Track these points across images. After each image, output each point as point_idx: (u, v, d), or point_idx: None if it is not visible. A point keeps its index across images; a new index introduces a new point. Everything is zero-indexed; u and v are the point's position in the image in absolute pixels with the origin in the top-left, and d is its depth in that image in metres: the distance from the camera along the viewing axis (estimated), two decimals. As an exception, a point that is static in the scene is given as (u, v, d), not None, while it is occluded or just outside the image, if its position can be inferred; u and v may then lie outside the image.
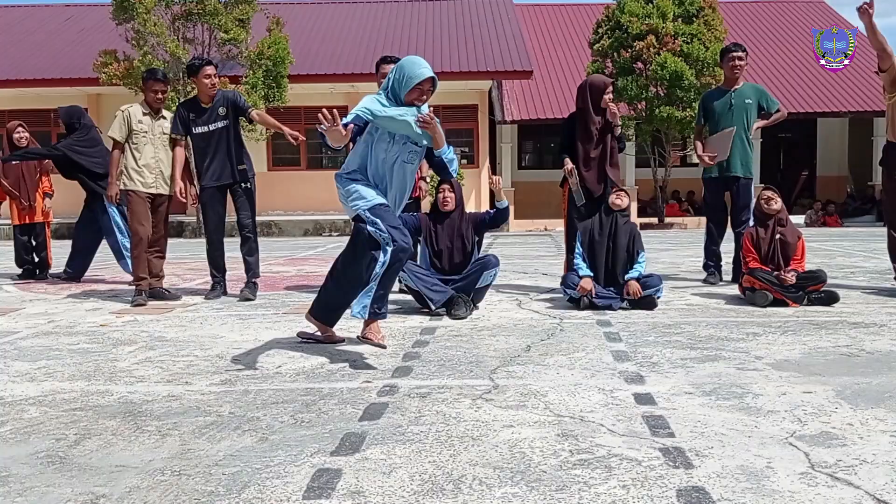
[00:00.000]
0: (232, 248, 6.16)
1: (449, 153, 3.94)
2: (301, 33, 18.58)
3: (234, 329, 4.70)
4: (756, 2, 24.79)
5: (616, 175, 5.74)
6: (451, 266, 5.30)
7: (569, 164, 5.67)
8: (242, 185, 5.92)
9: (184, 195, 5.96)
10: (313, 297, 4.35)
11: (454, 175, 4.53)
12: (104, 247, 7.40)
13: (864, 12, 5.32)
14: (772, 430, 2.64)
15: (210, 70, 5.86)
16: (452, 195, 5.38)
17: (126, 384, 3.42)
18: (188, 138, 5.99)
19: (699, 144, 6.56)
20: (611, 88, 5.71)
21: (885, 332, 4.29)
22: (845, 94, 19.05)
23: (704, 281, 6.41)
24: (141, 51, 14.53)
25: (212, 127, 5.86)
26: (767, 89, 6.70)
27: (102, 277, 7.64)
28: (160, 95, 6.03)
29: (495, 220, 5.44)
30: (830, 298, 5.22)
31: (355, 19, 20.72)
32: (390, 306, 5.40)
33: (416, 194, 5.82)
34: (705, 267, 6.51)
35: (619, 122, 5.75)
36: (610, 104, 5.62)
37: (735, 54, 6.31)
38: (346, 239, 5.86)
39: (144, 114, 5.97)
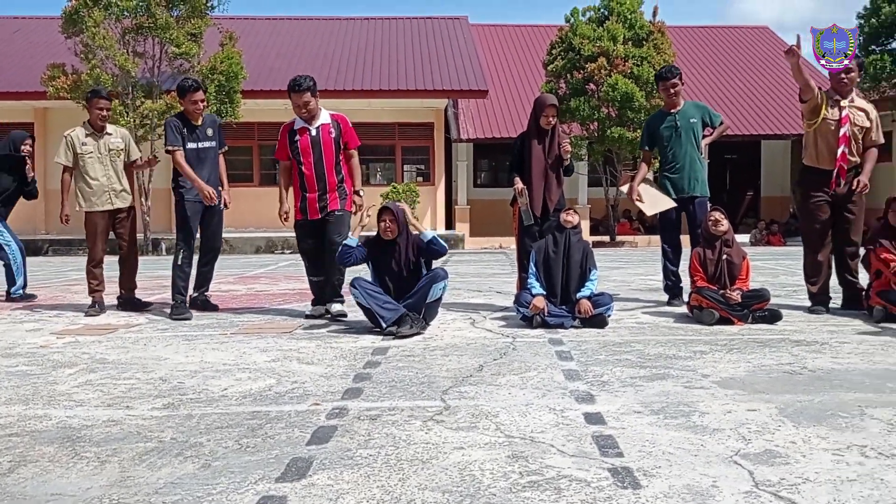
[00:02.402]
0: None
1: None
2: (255, 49, 18.47)
3: (179, 351, 4.60)
4: (703, 27, 25.44)
5: (559, 194, 5.81)
6: (399, 288, 5.21)
7: (519, 185, 5.71)
8: (220, 205, 6.08)
9: (213, 199, 5.90)
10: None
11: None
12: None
13: (793, 53, 5.48)
14: (717, 449, 2.67)
15: (199, 96, 5.98)
16: (394, 224, 5.17)
17: (65, 408, 3.31)
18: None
19: (641, 172, 6.56)
20: (550, 111, 5.74)
21: (826, 349, 4.39)
22: (787, 118, 19.62)
23: (668, 303, 6.34)
24: (89, 64, 14.27)
25: (201, 145, 5.98)
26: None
27: (52, 297, 7.43)
28: (105, 113, 6.23)
29: (430, 253, 5.26)
30: (774, 317, 5.33)
31: (311, 36, 20.67)
32: (341, 327, 5.40)
33: (349, 208, 5.72)
34: (666, 289, 6.46)
35: (568, 158, 5.82)
36: (565, 143, 5.74)
37: (670, 81, 6.34)
38: (299, 256, 5.83)
39: (87, 135, 6.18)
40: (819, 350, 4.38)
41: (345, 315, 5.56)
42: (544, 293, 5.30)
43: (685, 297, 6.36)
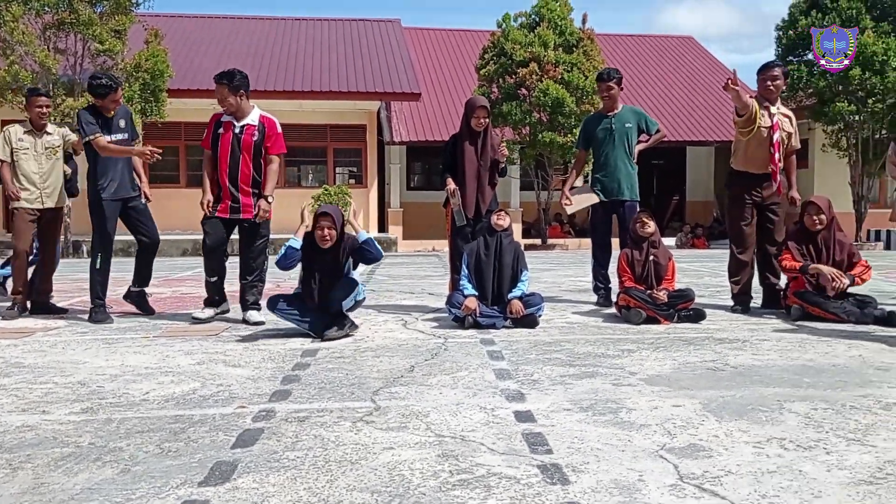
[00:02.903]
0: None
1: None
2: (183, 47, 18.05)
3: (99, 354, 4.43)
4: (630, 35, 26.04)
5: (492, 196, 5.84)
6: (324, 290, 4.98)
7: (451, 185, 5.72)
8: (141, 199, 5.93)
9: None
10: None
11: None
12: None
13: (731, 89, 5.62)
14: (644, 444, 2.71)
15: (118, 95, 5.78)
16: (333, 232, 4.87)
17: (-26, 415, 3.14)
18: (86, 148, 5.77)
19: (572, 178, 6.71)
20: (481, 113, 5.76)
21: (747, 347, 4.53)
22: (711, 125, 20.24)
23: (597, 303, 6.43)
24: (7, 60, 13.68)
25: (115, 136, 5.77)
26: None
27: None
28: (45, 111, 6.08)
29: (363, 256, 5.04)
30: (698, 316, 5.48)
31: (242, 35, 20.30)
32: (269, 329, 5.30)
33: (249, 215, 5.50)
34: (595, 289, 6.53)
35: (504, 161, 5.86)
36: (503, 148, 5.79)
37: (605, 83, 6.44)
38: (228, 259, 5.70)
39: (25, 132, 6.04)
40: (740, 347, 4.51)
41: (262, 323, 5.43)
42: (476, 294, 5.32)
43: (614, 298, 6.48)
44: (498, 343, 4.68)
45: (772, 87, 5.98)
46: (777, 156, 5.90)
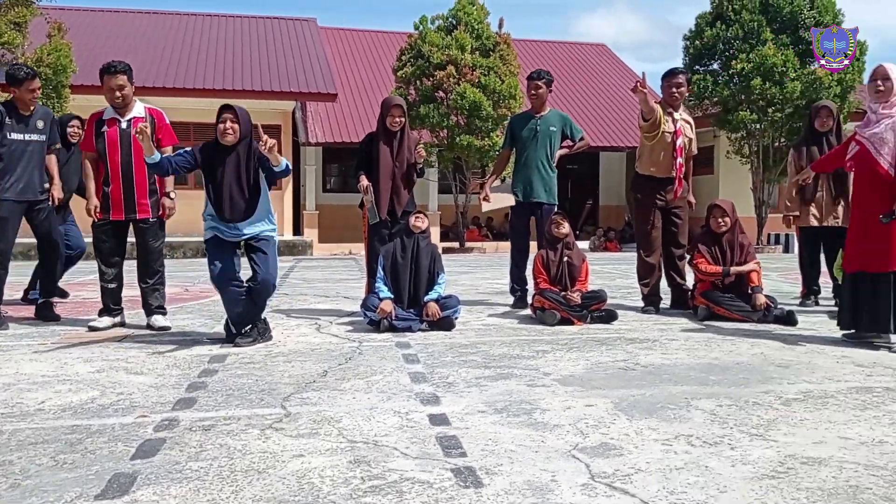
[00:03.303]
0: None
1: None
2: (88, 42, 17.32)
3: (-8, 362, 4.17)
4: (546, 41, 26.48)
5: (408, 197, 5.80)
6: (233, 209, 4.53)
7: (364, 182, 5.64)
8: (48, 202, 5.63)
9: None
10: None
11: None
12: None
13: (639, 91, 5.75)
14: (557, 444, 2.72)
15: (36, 84, 5.46)
16: (236, 126, 4.45)
17: None
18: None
19: (494, 176, 6.78)
20: (397, 112, 5.69)
21: (657, 346, 4.63)
22: (624, 131, 20.77)
23: (514, 305, 6.46)
24: None
25: (28, 136, 5.46)
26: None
27: None
28: None
29: (270, 170, 4.58)
30: (610, 317, 5.58)
31: (152, 30, 19.63)
32: (175, 334, 5.11)
33: (163, 215, 5.34)
34: (512, 291, 6.55)
35: (421, 162, 5.79)
36: (419, 149, 5.72)
37: (533, 82, 6.46)
38: (134, 263, 5.46)
39: None
40: (650, 347, 4.61)
41: (168, 328, 5.24)
42: (392, 297, 5.26)
43: (530, 300, 6.54)
44: (414, 346, 4.64)
45: (676, 94, 6.15)
46: (679, 160, 6.08)
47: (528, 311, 5.99)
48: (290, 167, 4.68)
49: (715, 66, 17.08)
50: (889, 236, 4.48)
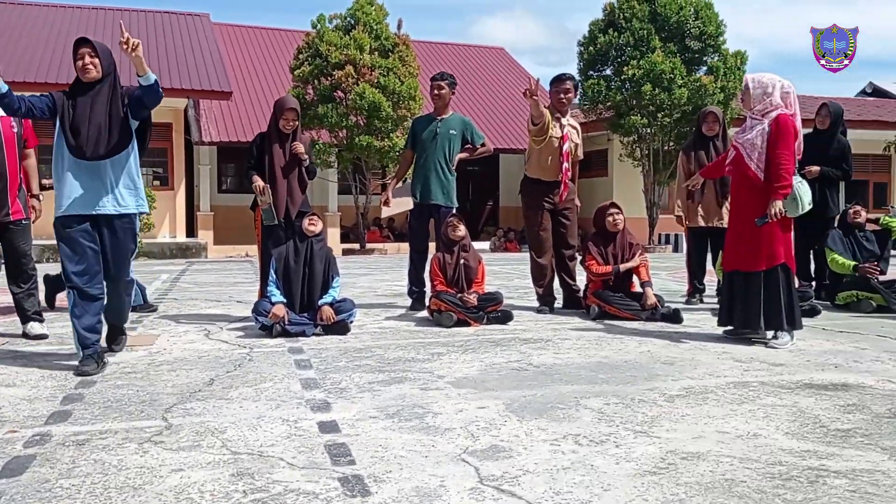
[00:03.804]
0: None
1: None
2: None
3: None
4: (445, 44, 26.65)
5: (302, 199, 5.68)
6: (97, 143, 4.00)
7: (259, 182, 5.49)
8: None
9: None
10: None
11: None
12: None
13: (530, 96, 5.82)
14: (447, 448, 2.71)
15: None
16: (97, 60, 4.08)
17: None
18: None
19: (396, 179, 6.74)
20: (290, 115, 5.56)
21: (550, 346, 4.71)
22: (522, 133, 21.11)
23: (412, 307, 6.44)
24: None
25: None
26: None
27: None
28: None
29: (141, 100, 4.11)
30: (506, 317, 5.64)
31: (37, 23, 18.56)
32: (52, 343, 4.83)
33: (21, 216, 5.01)
34: (410, 293, 6.54)
35: (305, 157, 5.63)
36: (298, 146, 5.54)
37: (435, 83, 6.46)
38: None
39: None
40: (543, 347, 4.69)
41: (45, 336, 4.96)
42: (284, 301, 5.15)
43: (427, 301, 6.53)
44: (307, 351, 4.55)
45: (564, 99, 6.28)
46: (566, 165, 6.21)
47: (425, 314, 5.98)
48: (161, 89, 4.14)
49: (608, 71, 17.63)
50: (761, 238, 4.72)
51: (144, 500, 2.22)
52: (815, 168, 6.51)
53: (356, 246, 17.40)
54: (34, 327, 5.01)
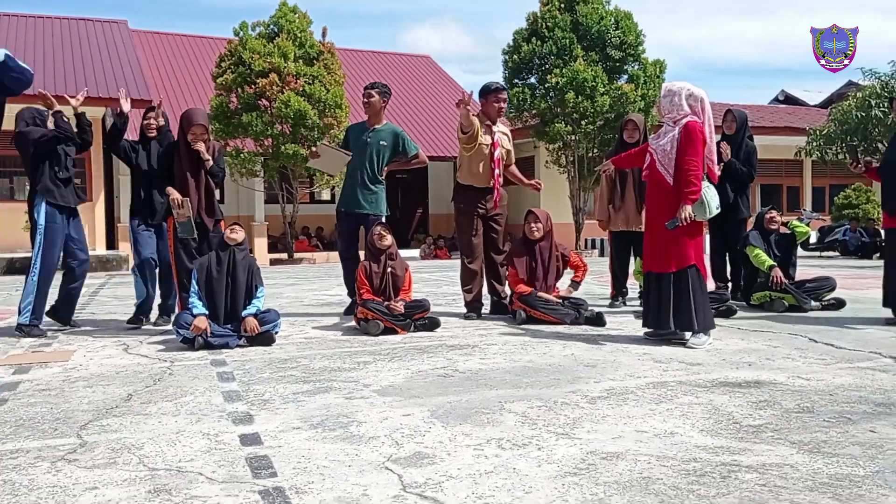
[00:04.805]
0: None
1: None
2: None
3: None
4: (371, 52, 26.62)
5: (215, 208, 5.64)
6: None
7: (176, 195, 5.37)
8: None
9: None
10: None
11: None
12: None
13: (463, 106, 5.91)
14: (371, 457, 2.70)
15: None
16: None
17: None
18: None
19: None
20: (199, 130, 5.52)
21: (476, 352, 4.75)
22: (450, 141, 21.26)
23: (345, 313, 6.48)
24: None
25: None
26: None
27: None
28: None
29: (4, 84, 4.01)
30: (433, 324, 5.66)
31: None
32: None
33: None
34: (350, 294, 6.53)
35: (207, 158, 5.55)
36: (199, 144, 5.48)
37: (368, 90, 6.45)
38: None
39: None
40: (470, 353, 4.72)
41: None
42: (206, 313, 5.04)
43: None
44: (230, 363, 4.46)
45: (502, 108, 6.36)
46: (497, 171, 6.30)
47: (350, 323, 5.95)
48: (22, 64, 3.95)
49: (532, 79, 17.89)
50: (671, 241, 4.88)
51: (54, 522, 2.15)
52: (726, 146, 6.78)
53: (284, 255, 17.17)
54: None
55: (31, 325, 5.55)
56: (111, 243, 17.19)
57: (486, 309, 6.46)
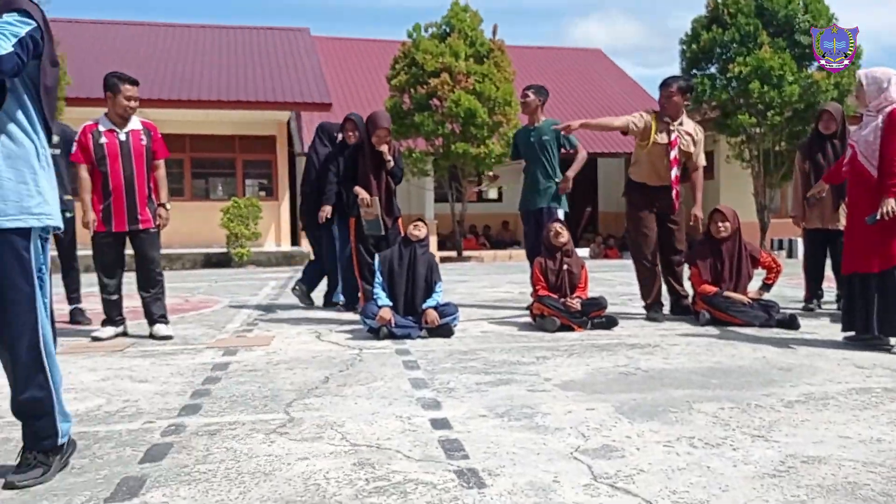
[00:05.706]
0: None
1: None
2: (80, 54, 17.34)
3: (-5, 372, 4.18)
4: (540, 48, 26.58)
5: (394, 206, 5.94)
6: None
7: (364, 195, 5.70)
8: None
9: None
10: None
11: None
12: None
13: (568, 129, 5.95)
14: (558, 447, 2.75)
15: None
16: None
17: None
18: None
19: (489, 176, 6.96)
20: (383, 133, 5.81)
21: (658, 351, 4.66)
22: (622, 137, 20.82)
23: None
24: None
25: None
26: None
27: None
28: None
29: None
30: (610, 323, 5.60)
31: (143, 42, 19.68)
32: (177, 343, 5.13)
33: (150, 225, 5.32)
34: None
35: (389, 159, 5.84)
36: (383, 146, 5.77)
37: (521, 93, 6.57)
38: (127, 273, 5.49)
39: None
40: (651, 352, 4.64)
41: (171, 337, 5.27)
42: (391, 304, 5.29)
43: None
44: (413, 353, 4.66)
45: (666, 104, 6.10)
46: (674, 171, 6.07)
47: (527, 319, 6.02)
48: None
49: (712, 69, 17.11)
50: (875, 238, 4.53)
51: (275, 485, 2.36)
52: None
53: (453, 253, 17.55)
54: (160, 329, 5.33)
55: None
56: (295, 240, 18.33)
57: (665, 309, 6.30)
